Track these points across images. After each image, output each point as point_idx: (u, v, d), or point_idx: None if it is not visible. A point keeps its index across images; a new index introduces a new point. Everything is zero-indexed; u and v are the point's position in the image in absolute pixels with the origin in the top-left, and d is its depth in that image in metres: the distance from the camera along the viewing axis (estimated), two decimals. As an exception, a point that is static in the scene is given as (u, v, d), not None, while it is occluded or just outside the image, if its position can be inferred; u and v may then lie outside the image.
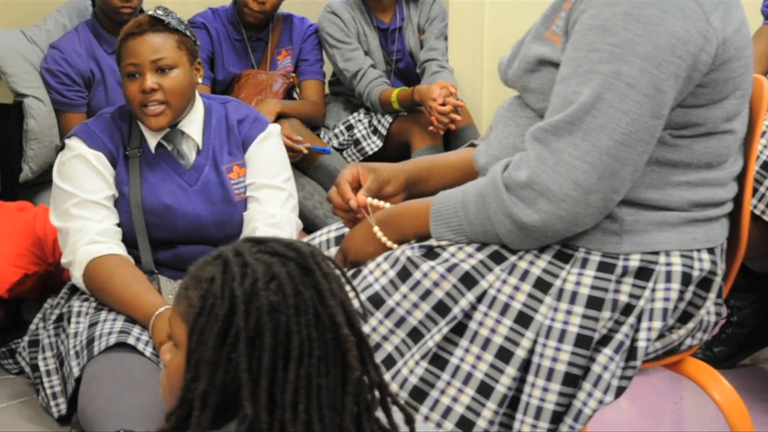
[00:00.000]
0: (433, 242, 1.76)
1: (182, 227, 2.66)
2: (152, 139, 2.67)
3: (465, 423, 1.67)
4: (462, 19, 3.73)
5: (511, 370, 1.67)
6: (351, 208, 1.87)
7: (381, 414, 1.30)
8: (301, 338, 1.22)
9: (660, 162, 1.71)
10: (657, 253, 1.70)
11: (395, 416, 1.31)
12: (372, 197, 1.87)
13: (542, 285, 1.69)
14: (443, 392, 1.69)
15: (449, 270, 1.71)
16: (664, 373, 2.67)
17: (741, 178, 1.83)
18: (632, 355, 1.68)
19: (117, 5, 3.38)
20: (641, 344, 1.67)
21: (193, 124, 2.70)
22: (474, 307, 1.71)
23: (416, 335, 1.71)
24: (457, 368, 1.69)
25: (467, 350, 1.70)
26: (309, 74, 3.75)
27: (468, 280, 1.71)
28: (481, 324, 1.70)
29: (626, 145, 1.63)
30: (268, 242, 1.28)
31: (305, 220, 3.46)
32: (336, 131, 3.71)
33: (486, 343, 1.69)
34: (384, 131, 3.63)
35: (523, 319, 1.68)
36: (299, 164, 3.55)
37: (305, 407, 1.22)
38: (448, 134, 3.56)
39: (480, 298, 1.71)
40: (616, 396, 1.66)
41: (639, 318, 1.68)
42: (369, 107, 3.68)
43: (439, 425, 1.68)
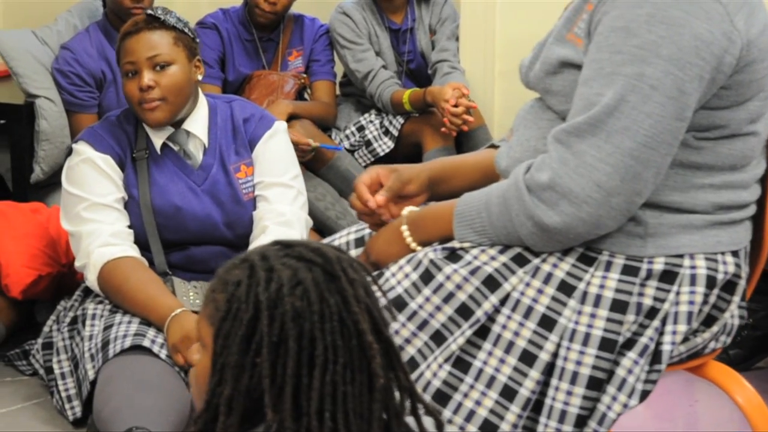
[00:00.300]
0: (456, 244, 1.75)
1: (192, 228, 2.65)
2: (157, 140, 2.67)
3: (488, 426, 1.67)
4: (473, 20, 3.72)
5: (535, 374, 1.67)
6: (374, 212, 1.86)
7: (411, 419, 1.29)
8: (326, 345, 1.22)
9: (684, 164, 1.71)
10: (681, 256, 1.70)
11: (425, 422, 1.30)
12: (395, 197, 1.87)
13: (566, 288, 1.69)
14: (466, 395, 1.69)
15: (472, 273, 1.71)
16: (679, 375, 2.66)
17: (764, 181, 1.82)
18: (657, 359, 1.67)
19: (128, 6, 3.37)
20: (666, 348, 1.67)
21: (198, 123, 2.69)
22: (497, 310, 1.70)
23: (439, 338, 1.71)
24: (481, 371, 1.69)
25: (490, 353, 1.69)
26: (320, 75, 3.74)
27: (491, 283, 1.70)
28: (505, 327, 1.69)
29: (649, 147, 1.62)
30: (296, 246, 1.27)
31: (317, 222, 3.46)
32: (347, 132, 3.70)
33: (509, 347, 1.68)
34: (395, 132, 3.62)
35: (547, 322, 1.68)
36: (311, 165, 3.54)
37: (331, 415, 1.21)
38: (460, 135, 3.55)
39: (503, 301, 1.70)
40: (641, 400, 1.66)
41: (664, 321, 1.68)
42: (380, 108, 3.67)
43: (462, 429, 1.67)
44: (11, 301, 2.90)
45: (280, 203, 2.68)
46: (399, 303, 1.72)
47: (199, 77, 2.68)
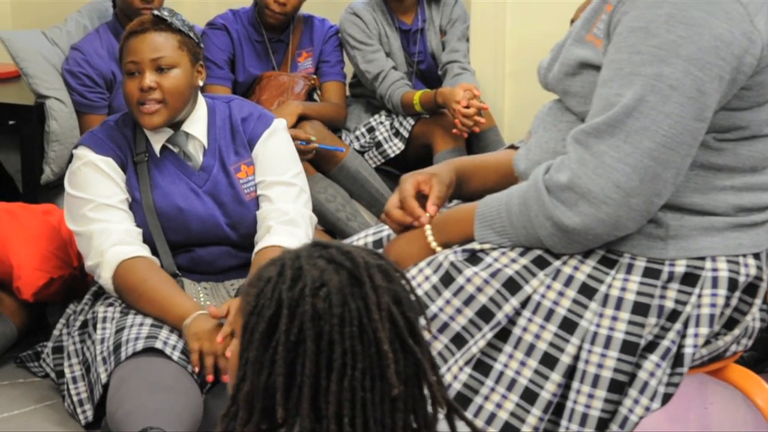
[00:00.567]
0: (476, 246, 1.75)
1: (196, 229, 2.64)
2: (157, 143, 2.66)
3: (509, 429, 1.66)
4: (484, 21, 3.71)
5: (556, 377, 1.66)
6: (410, 224, 1.84)
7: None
8: (344, 349, 1.21)
9: (704, 166, 1.70)
10: (703, 259, 1.69)
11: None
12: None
13: (587, 290, 1.68)
14: (487, 398, 1.68)
15: (493, 275, 1.70)
16: (692, 378, 2.65)
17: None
18: (679, 362, 1.66)
19: (138, 6, 3.37)
20: (688, 351, 1.66)
21: (197, 125, 2.68)
22: (518, 313, 1.69)
23: (460, 341, 1.70)
24: (501, 374, 1.68)
25: (511, 356, 1.68)
26: (330, 76, 3.73)
27: (512, 286, 1.69)
28: (526, 330, 1.68)
29: (669, 148, 1.61)
30: (330, 248, 1.26)
31: (327, 223, 3.45)
32: (357, 133, 3.69)
33: (530, 349, 1.68)
34: (406, 133, 3.61)
35: (568, 325, 1.67)
36: (321, 167, 3.54)
37: (350, 420, 1.20)
38: (471, 136, 3.53)
39: (524, 304, 1.69)
40: (663, 403, 1.65)
41: (685, 324, 1.67)
42: (390, 109, 3.66)
43: (483, 432, 1.67)
44: (23, 303, 2.89)
45: (283, 202, 2.66)
46: (419, 305, 1.71)
47: (201, 82, 2.67)
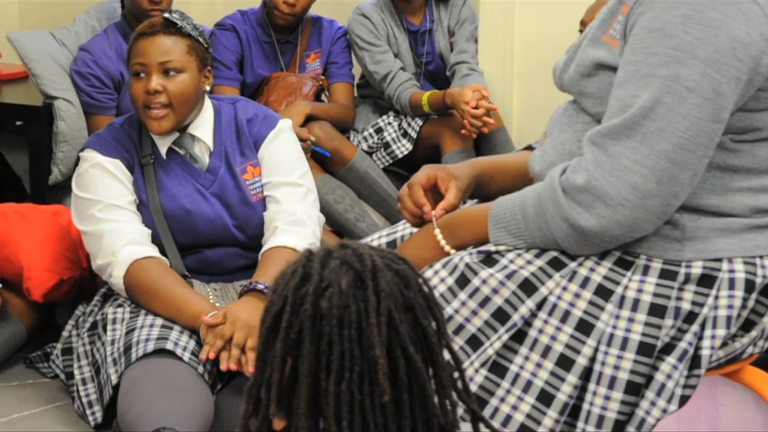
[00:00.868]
0: (491, 248, 1.74)
1: (204, 231, 2.64)
2: (163, 145, 2.65)
3: (525, 431, 1.65)
4: (492, 22, 3.71)
5: (572, 378, 1.65)
6: (420, 213, 1.84)
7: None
8: (342, 351, 1.19)
9: (721, 167, 1.69)
10: (719, 260, 1.68)
11: None
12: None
13: (603, 292, 1.67)
14: (503, 400, 1.67)
15: (508, 277, 1.70)
16: (703, 378, 2.65)
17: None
18: (696, 364, 1.66)
19: (146, 7, 3.36)
20: (705, 352, 1.65)
21: (203, 127, 2.68)
22: (534, 314, 1.69)
23: (475, 342, 1.69)
24: (517, 376, 1.68)
25: (527, 358, 1.68)
26: (338, 77, 3.72)
27: (528, 287, 1.69)
28: (542, 331, 1.68)
29: (685, 149, 1.61)
30: (348, 249, 1.25)
31: (336, 224, 3.44)
32: (365, 134, 3.69)
33: (546, 351, 1.67)
34: (414, 134, 3.60)
35: (584, 327, 1.66)
36: (329, 167, 3.53)
37: (348, 423, 1.19)
38: (479, 137, 3.53)
39: (540, 305, 1.69)
40: (680, 405, 1.64)
41: (702, 326, 1.66)
42: (398, 110, 3.66)
43: (499, 434, 1.66)
44: (32, 304, 2.89)
45: (290, 203, 2.66)
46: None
47: (207, 87, 2.67)
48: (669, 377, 1.64)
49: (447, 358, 1.25)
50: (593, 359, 1.66)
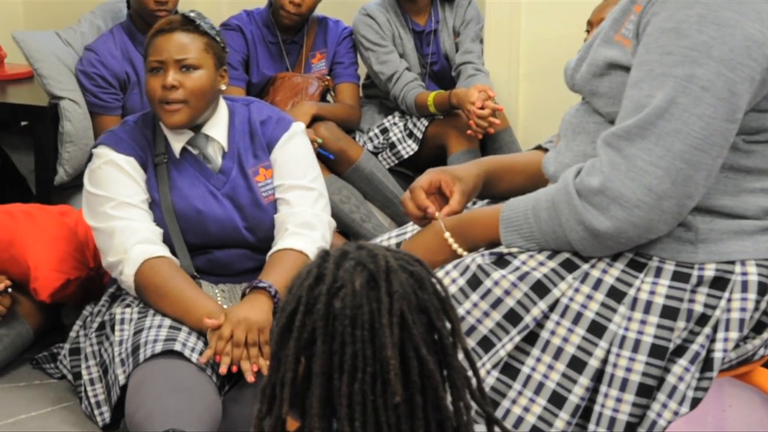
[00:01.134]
0: (503, 249, 1.74)
1: (214, 232, 2.64)
2: (177, 144, 2.65)
3: (537, 433, 1.65)
4: (498, 22, 3.71)
5: (584, 380, 1.65)
6: (424, 215, 1.84)
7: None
8: (354, 351, 1.19)
9: (734, 168, 1.69)
10: (732, 263, 1.68)
11: None
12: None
13: (616, 294, 1.67)
14: (515, 402, 1.67)
15: (521, 278, 1.69)
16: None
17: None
18: (708, 366, 1.65)
19: (152, 8, 3.36)
20: (717, 355, 1.65)
21: (218, 127, 2.68)
22: (546, 316, 1.68)
23: (487, 344, 1.69)
24: (529, 378, 1.67)
25: (539, 359, 1.67)
26: (344, 77, 3.72)
27: (540, 289, 1.68)
28: (554, 333, 1.67)
29: (700, 150, 1.60)
30: (364, 250, 1.25)
31: (342, 225, 3.44)
32: (371, 134, 3.69)
33: (558, 353, 1.67)
34: (419, 134, 3.60)
35: (597, 329, 1.66)
36: (335, 168, 3.53)
37: (361, 424, 1.18)
38: (485, 138, 3.53)
39: (552, 307, 1.68)
40: (692, 407, 1.64)
41: (715, 328, 1.66)
42: (404, 110, 3.66)
43: (511, 436, 1.65)
44: (39, 305, 2.89)
45: (302, 206, 2.66)
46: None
47: (223, 87, 2.67)
48: (681, 379, 1.63)
49: (461, 360, 1.25)
50: (605, 361, 1.65)
